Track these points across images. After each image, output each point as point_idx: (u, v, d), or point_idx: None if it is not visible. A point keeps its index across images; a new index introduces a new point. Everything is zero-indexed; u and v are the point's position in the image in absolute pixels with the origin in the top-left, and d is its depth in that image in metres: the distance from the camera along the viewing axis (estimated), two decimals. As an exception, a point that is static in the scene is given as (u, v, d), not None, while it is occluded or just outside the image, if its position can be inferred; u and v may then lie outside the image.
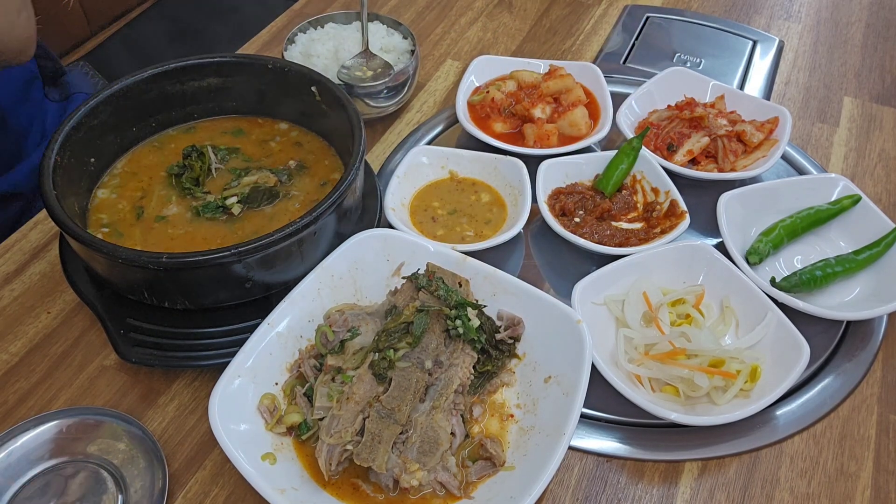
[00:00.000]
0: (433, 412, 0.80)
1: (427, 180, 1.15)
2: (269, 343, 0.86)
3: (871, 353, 0.97)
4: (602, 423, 0.89)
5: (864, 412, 0.91)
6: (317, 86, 1.04)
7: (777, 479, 0.84)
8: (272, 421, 0.82)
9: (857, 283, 1.02)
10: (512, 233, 1.02)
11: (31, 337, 0.97)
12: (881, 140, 1.30)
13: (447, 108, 1.33)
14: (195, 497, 0.82)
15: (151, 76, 1.03)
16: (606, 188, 1.11)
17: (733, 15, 1.60)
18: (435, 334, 0.86)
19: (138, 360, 0.87)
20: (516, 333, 0.90)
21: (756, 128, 1.18)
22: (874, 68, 1.46)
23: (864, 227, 1.06)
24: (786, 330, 0.90)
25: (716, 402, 0.87)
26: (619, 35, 1.52)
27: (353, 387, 0.81)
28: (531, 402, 0.86)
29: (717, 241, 1.07)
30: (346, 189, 0.89)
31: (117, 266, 0.84)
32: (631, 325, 0.94)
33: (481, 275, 0.93)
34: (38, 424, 0.84)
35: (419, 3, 1.60)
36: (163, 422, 0.88)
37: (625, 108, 1.23)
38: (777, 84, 1.42)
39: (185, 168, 1.02)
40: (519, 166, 1.11)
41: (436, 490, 0.78)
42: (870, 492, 0.84)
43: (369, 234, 0.95)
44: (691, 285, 0.99)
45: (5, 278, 1.03)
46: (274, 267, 0.87)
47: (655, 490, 0.83)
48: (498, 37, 1.52)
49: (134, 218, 0.98)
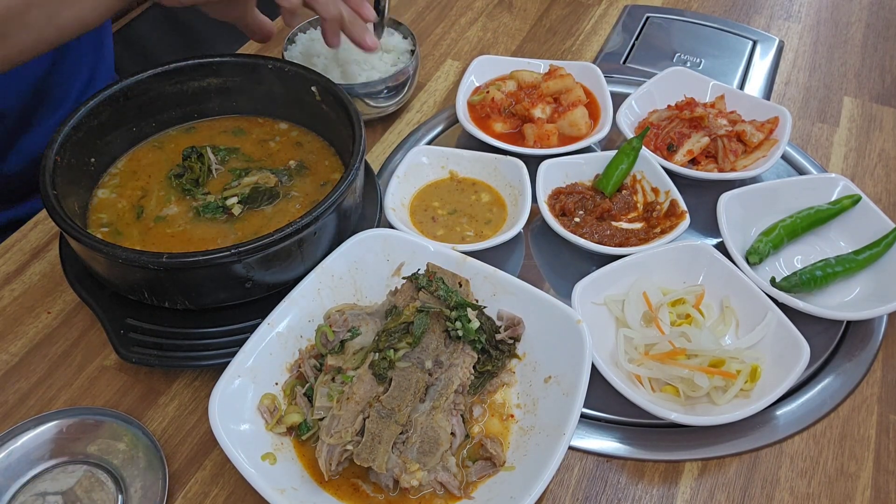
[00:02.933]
0: (433, 412, 0.80)
1: (427, 180, 1.15)
2: (269, 343, 0.86)
3: (871, 353, 0.97)
4: (602, 423, 0.89)
5: (864, 412, 0.91)
6: (317, 86, 1.04)
7: (777, 479, 0.84)
8: (272, 421, 0.82)
9: (857, 283, 1.02)
10: (512, 233, 1.02)
11: (31, 337, 0.97)
12: (881, 140, 1.30)
13: (447, 108, 1.33)
14: (195, 497, 0.82)
15: (151, 76, 1.03)
16: (606, 188, 1.11)
17: (733, 15, 1.60)
18: (435, 334, 0.86)
19: (138, 360, 0.86)
20: (516, 333, 0.90)
21: (756, 128, 1.18)
22: (874, 68, 1.46)
23: (864, 227, 1.06)
24: (786, 330, 0.91)
25: (716, 402, 0.87)
26: (619, 35, 1.52)
27: (353, 387, 0.81)
28: (531, 402, 0.86)
29: (717, 241, 1.07)
30: (346, 189, 0.89)
31: (117, 266, 0.84)
32: (631, 325, 0.94)
33: (481, 275, 0.93)
34: (38, 424, 0.84)
35: (419, 3, 1.61)
36: (163, 422, 0.88)
37: (625, 108, 1.23)
38: (777, 84, 1.42)
39: (185, 170, 1.02)
40: (519, 166, 1.11)
41: (436, 490, 0.78)
42: (870, 492, 0.84)
43: (369, 234, 0.95)
44: (691, 285, 0.99)
45: (5, 278, 1.03)
46: (274, 267, 0.87)
47: (655, 490, 0.83)
48: (498, 37, 1.52)
49: (134, 218, 0.98)
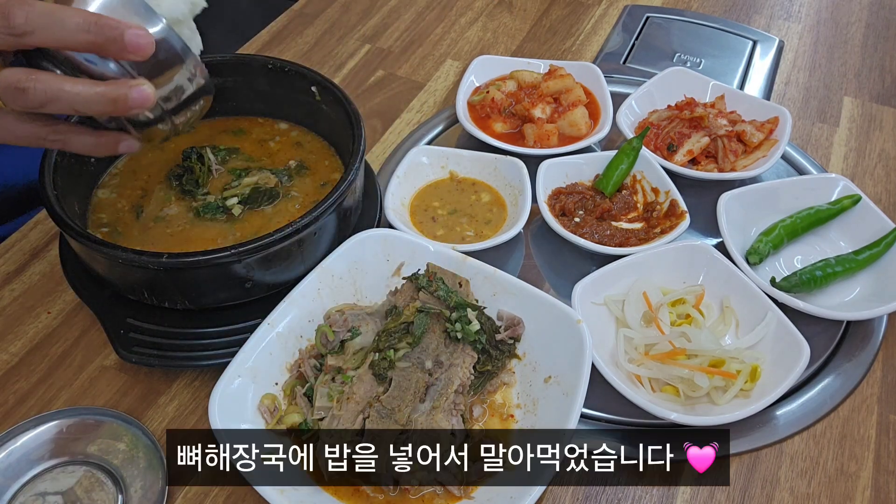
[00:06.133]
0: (433, 412, 0.80)
1: (427, 180, 1.15)
2: (269, 343, 0.86)
3: (871, 353, 0.97)
4: (602, 423, 0.89)
5: (864, 412, 0.91)
6: (317, 86, 1.04)
7: (777, 479, 0.84)
8: (272, 421, 0.82)
9: (857, 283, 1.02)
10: (512, 233, 1.02)
11: (32, 337, 0.97)
12: (881, 140, 1.30)
13: (447, 108, 1.33)
14: (195, 497, 0.82)
15: (151, 76, 1.03)
16: (606, 188, 1.11)
17: (733, 15, 1.60)
18: (435, 334, 0.86)
19: (138, 360, 0.86)
20: (516, 333, 0.90)
21: (756, 128, 1.18)
22: (874, 68, 1.46)
23: (864, 227, 1.06)
24: (786, 330, 0.90)
25: (716, 402, 0.87)
26: (619, 35, 1.52)
27: (353, 387, 0.81)
28: (531, 402, 0.86)
29: (717, 241, 1.07)
30: (346, 189, 0.89)
31: (117, 266, 0.84)
32: (631, 325, 0.94)
33: (481, 275, 0.93)
34: (38, 424, 0.84)
35: (419, 3, 1.60)
36: (163, 422, 0.88)
37: (625, 108, 1.23)
38: (777, 84, 1.42)
39: (185, 170, 1.02)
40: (519, 166, 1.11)
41: (436, 490, 0.78)
42: (870, 492, 0.84)
43: (369, 234, 0.95)
44: (691, 285, 0.99)
45: (5, 278, 1.03)
46: (274, 267, 0.87)
47: (655, 490, 0.83)
48: (498, 37, 1.52)
49: (133, 218, 0.98)
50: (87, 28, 0.67)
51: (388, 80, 1.41)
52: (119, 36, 0.67)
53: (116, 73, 0.70)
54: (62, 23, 0.66)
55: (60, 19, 0.66)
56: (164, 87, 0.74)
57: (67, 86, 0.68)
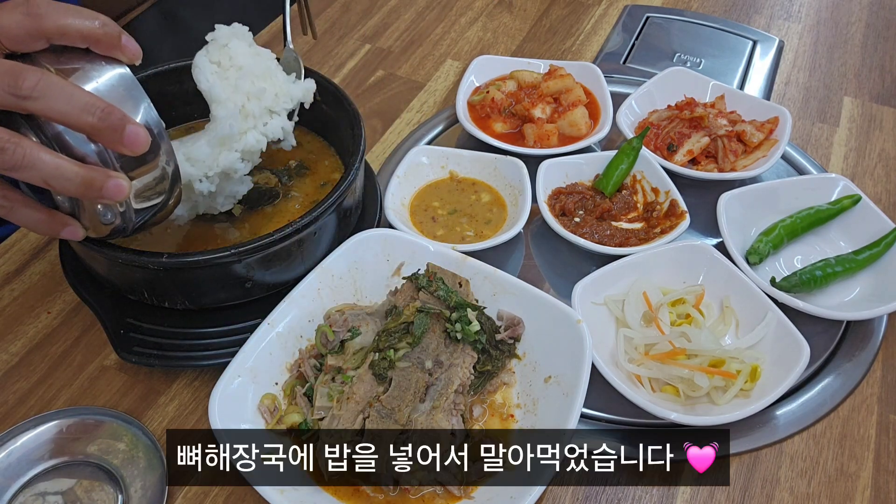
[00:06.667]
0: (433, 412, 0.80)
1: (427, 180, 1.15)
2: (269, 343, 0.86)
3: (871, 353, 0.97)
4: (602, 423, 0.89)
5: (864, 412, 0.91)
6: (317, 86, 1.04)
7: (777, 479, 0.84)
8: (272, 421, 0.82)
9: (857, 283, 1.02)
10: (512, 233, 1.02)
11: (31, 337, 0.97)
12: (881, 140, 1.30)
13: (447, 108, 1.33)
14: (195, 497, 0.82)
15: (151, 76, 1.03)
16: (606, 188, 1.11)
17: (733, 15, 1.60)
18: (435, 334, 0.86)
19: (138, 360, 0.87)
20: (516, 333, 0.90)
21: (756, 128, 1.18)
22: (874, 68, 1.46)
23: (864, 227, 1.06)
24: (786, 330, 0.90)
25: (716, 402, 0.87)
26: (619, 35, 1.52)
27: (354, 387, 0.81)
28: (531, 402, 0.86)
29: (717, 241, 1.07)
30: (346, 189, 0.89)
31: (117, 266, 0.84)
32: (631, 325, 0.94)
33: (481, 275, 0.93)
34: (38, 424, 0.84)
35: (419, 3, 1.61)
36: (163, 422, 0.88)
37: (625, 108, 1.23)
38: (777, 84, 1.42)
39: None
40: (519, 166, 1.11)
41: (436, 490, 0.78)
42: (870, 492, 0.84)
43: (369, 234, 0.95)
44: (691, 285, 0.99)
45: (5, 278, 1.03)
46: (274, 267, 0.87)
47: (655, 490, 0.83)
48: (498, 37, 1.52)
49: (134, 218, 0.98)
50: (93, 112, 0.65)
51: (388, 80, 1.41)
52: (121, 128, 0.66)
53: (95, 156, 0.68)
54: (70, 99, 0.65)
55: (70, 95, 0.65)
56: (137, 181, 0.72)
57: (47, 157, 0.65)
